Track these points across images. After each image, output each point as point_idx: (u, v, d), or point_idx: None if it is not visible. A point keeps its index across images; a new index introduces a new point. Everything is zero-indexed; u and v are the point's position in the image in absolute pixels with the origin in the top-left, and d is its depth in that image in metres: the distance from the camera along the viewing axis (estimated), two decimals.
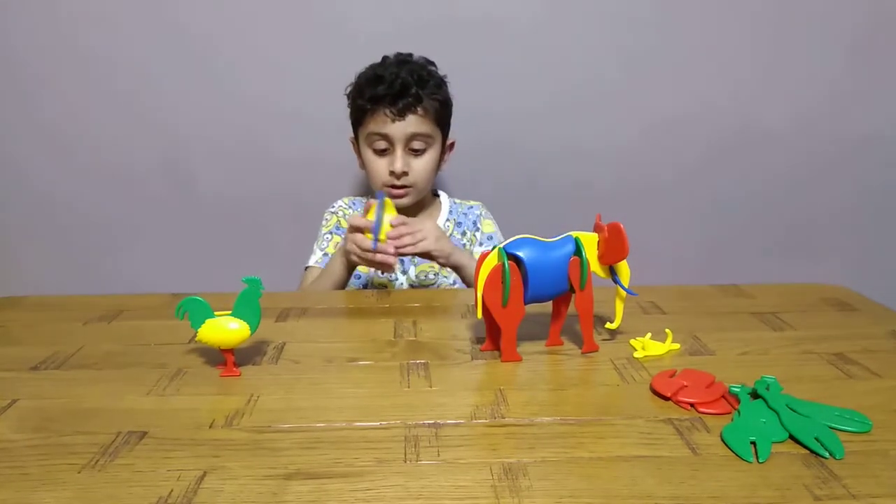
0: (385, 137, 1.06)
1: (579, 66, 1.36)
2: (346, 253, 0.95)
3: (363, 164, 1.14)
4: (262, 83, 1.35)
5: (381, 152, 1.08)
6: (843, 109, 1.42)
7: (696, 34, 1.36)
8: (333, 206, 1.20)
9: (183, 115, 1.36)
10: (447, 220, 1.17)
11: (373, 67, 1.09)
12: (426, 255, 0.97)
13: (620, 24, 1.34)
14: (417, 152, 1.08)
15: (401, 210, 0.99)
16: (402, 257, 1.04)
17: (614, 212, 0.74)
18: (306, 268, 1.15)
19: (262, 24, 1.32)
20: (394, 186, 1.08)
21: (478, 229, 1.18)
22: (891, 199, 1.50)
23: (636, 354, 0.68)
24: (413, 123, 1.05)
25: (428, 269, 1.13)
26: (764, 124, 1.42)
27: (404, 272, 1.15)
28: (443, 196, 1.21)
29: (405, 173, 1.07)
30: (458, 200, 1.22)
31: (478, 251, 1.14)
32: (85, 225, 1.44)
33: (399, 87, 1.03)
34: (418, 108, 1.05)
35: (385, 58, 1.11)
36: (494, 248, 0.64)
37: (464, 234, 1.16)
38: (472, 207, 1.20)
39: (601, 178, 1.44)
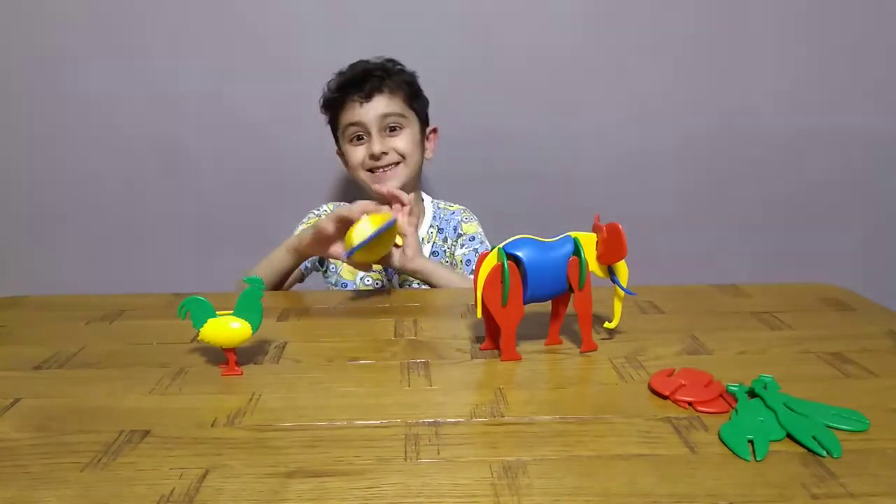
0: (358, 124, 1.07)
1: (578, 66, 1.37)
2: (311, 235, 0.89)
3: (347, 164, 1.14)
4: (265, 84, 1.35)
5: (358, 140, 1.09)
6: (841, 109, 1.42)
7: (692, 25, 1.36)
8: (318, 210, 1.18)
9: (185, 114, 1.37)
10: (430, 225, 1.16)
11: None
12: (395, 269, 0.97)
13: (608, 17, 1.34)
14: (394, 130, 1.08)
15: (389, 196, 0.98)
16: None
17: (611, 211, 0.74)
18: None
19: (269, 24, 1.32)
20: (375, 170, 1.08)
21: (459, 234, 1.17)
22: (889, 199, 1.50)
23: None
24: (382, 103, 1.06)
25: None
26: (760, 122, 1.43)
27: (389, 279, 1.13)
28: (426, 200, 1.20)
29: (385, 153, 1.07)
30: (441, 204, 1.20)
31: (459, 253, 1.14)
32: (87, 225, 1.44)
33: (361, 73, 1.07)
34: (384, 88, 1.06)
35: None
36: (494, 248, 0.65)
37: (445, 240, 1.16)
38: (454, 213, 1.19)
39: (599, 178, 1.44)
